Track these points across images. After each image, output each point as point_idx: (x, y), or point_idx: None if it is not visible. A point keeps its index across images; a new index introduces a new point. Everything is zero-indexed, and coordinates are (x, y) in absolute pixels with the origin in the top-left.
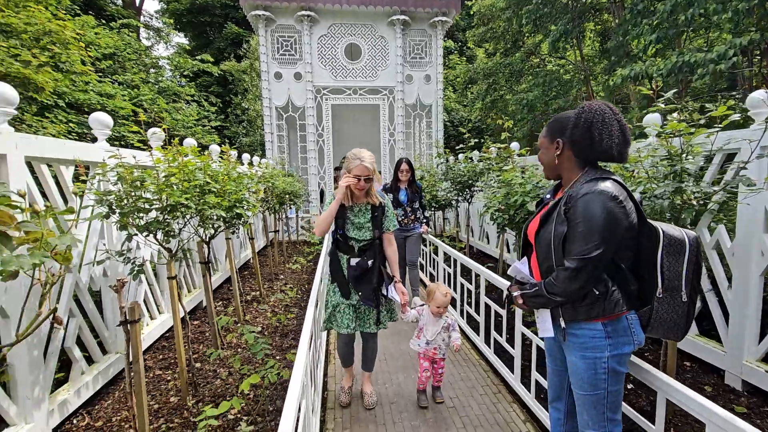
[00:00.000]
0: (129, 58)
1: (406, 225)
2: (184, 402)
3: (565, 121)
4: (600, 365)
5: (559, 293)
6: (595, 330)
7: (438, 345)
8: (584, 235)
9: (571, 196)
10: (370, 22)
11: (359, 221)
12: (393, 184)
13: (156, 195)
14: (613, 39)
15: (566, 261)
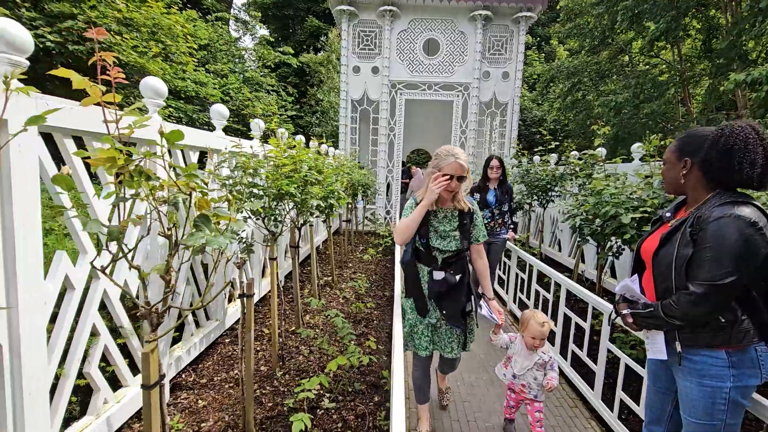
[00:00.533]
0: (220, 49)
1: (492, 229)
2: (272, 371)
3: (700, 141)
4: (720, 395)
5: (678, 317)
6: (717, 358)
7: (527, 382)
8: (715, 260)
9: (701, 218)
10: (450, 17)
11: (444, 229)
12: (481, 183)
13: (268, 183)
14: (725, 39)
15: (691, 285)
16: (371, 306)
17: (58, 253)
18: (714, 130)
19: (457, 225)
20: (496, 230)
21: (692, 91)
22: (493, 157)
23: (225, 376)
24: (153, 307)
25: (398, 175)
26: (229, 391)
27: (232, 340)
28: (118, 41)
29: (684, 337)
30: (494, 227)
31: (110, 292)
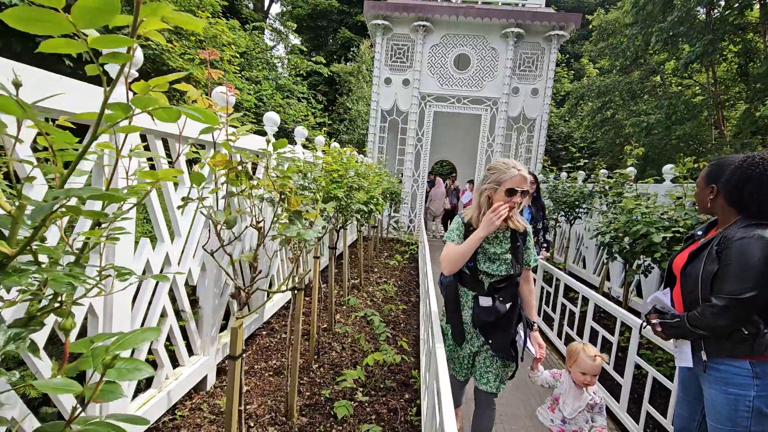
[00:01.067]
0: (256, 57)
1: None
2: (308, 364)
3: (724, 168)
4: (743, 403)
5: (701, 327)
6: (741, 368)
7: (580, 427)
8: (737, 276)
9: (726, 237)
10: (482, 34)
11: (495, 251)
12: None
13: (318, 186)
14: (763, 64)
15: (714, 298)
16: (402, 308)
17: (142, 240)
18: (739, 159)
19: (509, 247)
20: None
21: (726, 114)
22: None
23: (264, 365)
24: (246, 288)
25: (423, 184)
26: (270, 378)
27: (268, 333)
28: (169, 48)
29: (709, 348)
30: None
31: (178, 278)
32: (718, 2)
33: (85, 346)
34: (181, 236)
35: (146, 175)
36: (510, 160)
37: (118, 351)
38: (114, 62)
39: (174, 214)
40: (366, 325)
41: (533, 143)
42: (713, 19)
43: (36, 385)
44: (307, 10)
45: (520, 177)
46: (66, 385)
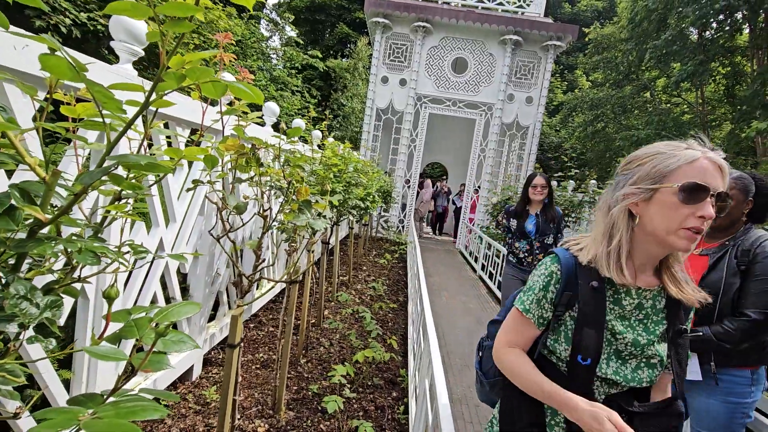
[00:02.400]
0: (251, 46)
1: (529, 266)
2: (297, 359)
3: (750, 181)
4: (740, 410)
5: (729, 340)
6: (743, 377)
7: None
8: None
9: (748, 250)
10: (481, 39)
11: (634, 338)
12: (520, 206)
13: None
14: (749, 87)
15: (750, 312)
16: (392, 307)
17: (137, 223)
18: (750, 176)
19: (665, 329)
20: (533, 266)
21: (712, 134)
22: (537, 174)
23: (251, 358)
24: (249, 276)
25: (415, 185)
26: (257, 371)
27: (255, 325)
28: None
29: (719, 359)
30: (531, 263)
31: (170, 264)
32: (710, 24)
33: (122, 317)
34: (176, 221)
35: (171, 153)
36: (679, 142)
37: (163, 322)
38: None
39: (170, 198)
40: (355, 321)
41: (525, 151)
42: (705, 40)
43: (86, 351)
44: (305, 2)
45: (707, 163)
46: (114, 352)
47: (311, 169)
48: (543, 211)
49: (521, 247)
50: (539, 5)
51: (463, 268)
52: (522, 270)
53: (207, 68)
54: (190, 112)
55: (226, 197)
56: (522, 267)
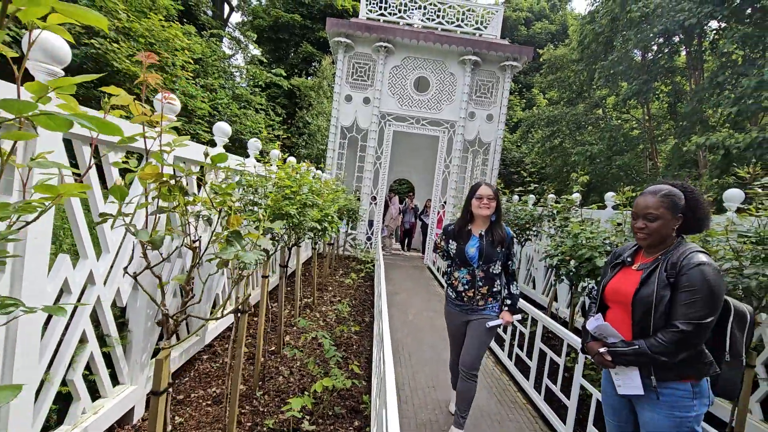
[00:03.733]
0: (212, 65)
1: (470, 302)
2: (252, 392)
3: (680, 199)
4: (685, 424)
5: (663, 353)
6: (685, 390)
7: None
8: (698, 302)
9: (676, 264)
10: (441, 59)
11: None
12: (460, 224)
13: (269, 202)
14: (688, 104)
15: (679, 324)
16: (356, 329)
17: (60, 256)
18: (677, 188)
19: None
20: (477, 304)
21: (659, 147)
22: (483, 183)
23: (202, 393)
24: (174, 315)
25: (382, 202)
26: (207, 408)
27: (210, 357)
28: (114, 48)
29: (659, 372)
30: (473, 298)
31: (103, 299)
32: (651, 47)
33: None
34: (109, 252)
35: (43, 189)
36: None
37: None
38: None
39: (102, 228)
40: (317, 347)
41: (488, 166)
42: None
43: None
44: (268, 21)
45: None
46: None
47: (264, 192)
48: (489, 230)
49: (461, 278)
50: (496, 28)
51: (431, 283)
52: (462, 308)
53: (68, 100)
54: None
55: (136, 231)
56: (462, 303)
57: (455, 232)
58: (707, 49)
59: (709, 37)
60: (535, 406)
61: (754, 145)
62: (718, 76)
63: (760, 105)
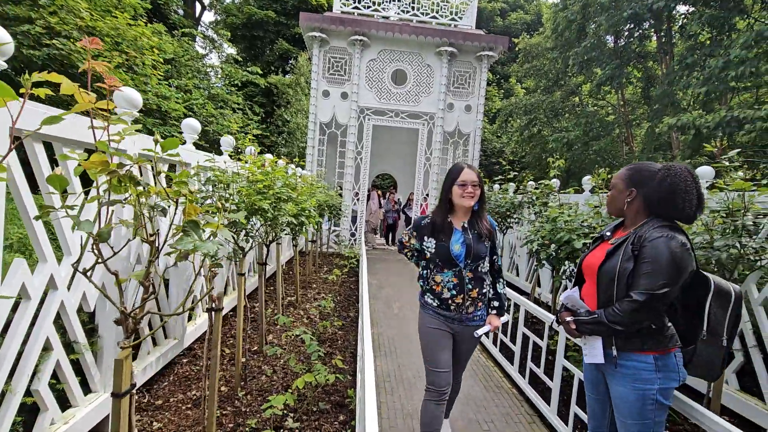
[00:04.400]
0: (185, 64)
1: (459, 310)
2: (234, 392)
3: (648, 176)
4: (649, 396)
5: (619, 322)
6: (647, 363)
7: None
8: (655, 272)
9: (641, 237)
10: (417, 51)
11: None
12: (440, 214)
13: (241, 198)
14: (659, 87)
15: (633, 294)
16: (338, 325)
17: (16, 260)
18: (660, 169)
19: None
20: (466, 312)
21: (634, 132)
22: (465, 166)
23: (182, 397)
24: (131, 312)
25: (364, 197)
26: (187, 412)
27: (190, 360)
28: (78, 48)
29: (619, 342)
30: (462, 305)
31: (67, 304)
32: (622, 32)
33: None
34: (71, 254)
35: None
36: None
37: None
38: None
39: (61, 229)
40: (300, 344)
41: (468, 157)
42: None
43: None
44: (241, 19)
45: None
46: None
47: (236, 188)
48: (473, 222)
49: (445, 282)
50: (471, 18)
51: (415, 276)
52: (447, 319)
53: None
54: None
55: (77, 222)
56: (447, 313)
57: (433, 226)
58: (677, 33)
59: (678, 22)
60: (520, 389)
61: (722, 124)
62: (687, 58)
63: (727, 85)
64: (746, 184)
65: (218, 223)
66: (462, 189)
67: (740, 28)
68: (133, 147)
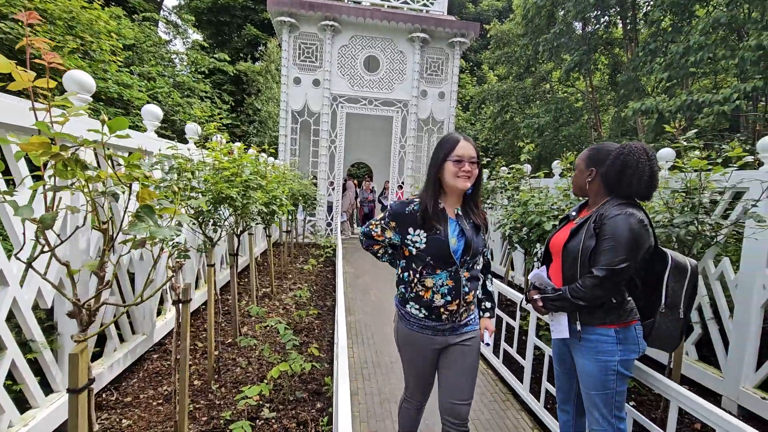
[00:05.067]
0: (148, 51)
1: (452, 318)
2: (208, 385)
3: (604, 156)
4: (610, 368)
5: (582, 298)
6: (608, 336)
7: None
8: (614, 249)
9: (602, 215)
10: (390, 37)
11: None
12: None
13: (208, 186)
14: (624, 73)
15: (594, 270)
16: (313, 314)
17: None
18: (616, 148)
19: None
20: (460, 320)
21: (602, 118)
22: (461, 137)
23: (153, 393)
24: (85, 303)
25: (340, 186)
26: (158, 408)
27: (161, 355)
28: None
29: (583, 317)
30: (456, 313)
31: (20, 300)
32: (590, 18)
33: None
34: (22, 247)
35: None
36: None
37: None
38: None
39: (9, 221)
40: (276, 334)
41: None
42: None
43: None
44: (206, 3)
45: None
46: None
47: (203, 176)
48: (465, 209)
49: (438, 286)
50: (442, 4)
51: None
52: (437, 331)
53: None
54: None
55: (15, 208)
56: (437, 323)
57: (422, 214)
58: (641, 20)
59: (643, 9)
60: (495, 369)
61: (683, 108)
62: (650, 44)
63: (687, 70)
64: (702, 162)
65: (175, 208)
66: (458, 167)
67: (700, 15)
68: (83, 131)
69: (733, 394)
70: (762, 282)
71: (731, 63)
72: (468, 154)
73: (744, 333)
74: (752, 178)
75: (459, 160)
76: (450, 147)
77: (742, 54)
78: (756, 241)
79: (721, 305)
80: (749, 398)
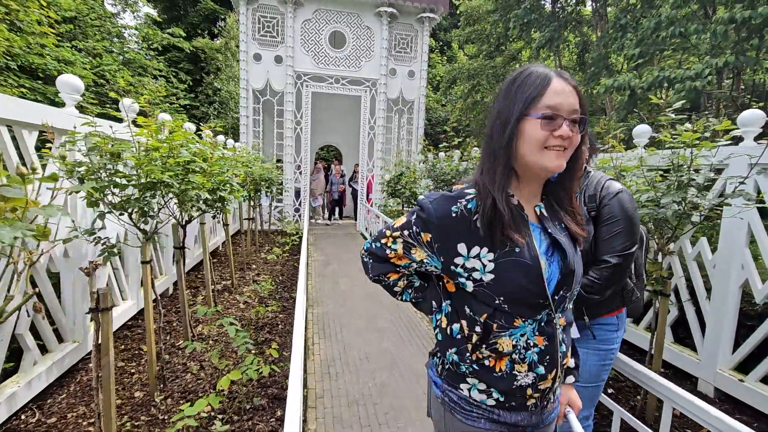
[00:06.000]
0: (92, 24)
1: (542, 401)
2: (151, 397)
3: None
4: (608, 357)
5: (597, 292)
6: (611, 324)
7: None
8: (627, 231)
9: (594, 195)
10: (356, 11)
11: None
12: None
13: (135, 170)
14: (594, 51)
15: (609, 258)
16: (275, 309)
17: None
18: None
19: None
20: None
21: None
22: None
23: (84, 411)
24: None
25: (307, 170)
26: (89, 429)
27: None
28: None
29: (590, 310)
30: (550, 391)
31: None
32: None
33: None
34: None
35: None
36: None
37: None
38: None
39: None
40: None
41: (413, 125)
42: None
43: None
44: None
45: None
46: None
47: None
48: (551, 203)
49: (521, 347)
50: None
51: None
52: (517, 427)
53: None
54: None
55: None
56: (521, 417)
57: (486, 218)
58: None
59: None
60: None
61: (656, 84)
62: (621, 19)
63: (659, 46)
64: (695, 135)
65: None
66: (549, 128)
67: None
68: None
69: (710, 377)
70: (740, 261)
71: (703, 37)
72: (568, 103)
73: (721, 314)
74: (742, 153)
75: (551, 117)
76: (536, 90)
77: (714, 28)
78: (734, 220)
79: (697, 285)
80: (726, 380)
